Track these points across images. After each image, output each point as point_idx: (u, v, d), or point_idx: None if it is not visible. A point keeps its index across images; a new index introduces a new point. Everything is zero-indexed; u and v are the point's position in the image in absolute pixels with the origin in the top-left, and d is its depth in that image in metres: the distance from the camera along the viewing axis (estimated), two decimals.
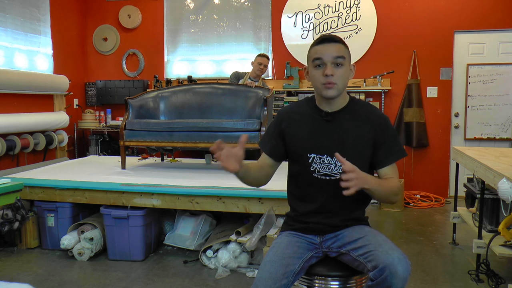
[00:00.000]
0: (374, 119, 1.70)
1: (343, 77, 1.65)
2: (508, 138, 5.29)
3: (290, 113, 1.79)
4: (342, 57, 1.64)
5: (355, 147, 1.67)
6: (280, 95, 5.46)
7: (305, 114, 1.75)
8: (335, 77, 1.62)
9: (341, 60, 1.64)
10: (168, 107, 4.35)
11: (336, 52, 1.63)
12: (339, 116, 1.70)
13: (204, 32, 5.98)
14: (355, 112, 1.71)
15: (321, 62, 1.63)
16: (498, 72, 5.27)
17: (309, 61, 1.69)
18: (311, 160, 1.69)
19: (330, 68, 1.62)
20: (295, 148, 1.74)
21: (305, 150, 1.71)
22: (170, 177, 3.67)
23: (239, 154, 1.56)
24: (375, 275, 1.46)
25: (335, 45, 1.64)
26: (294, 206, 1.81)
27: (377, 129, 1.69)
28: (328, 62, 1.62)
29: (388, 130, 1.71)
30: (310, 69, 1.69)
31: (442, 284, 2.90)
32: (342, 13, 5.55)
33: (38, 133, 5.06)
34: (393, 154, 1.70)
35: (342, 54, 1.64)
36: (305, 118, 1.74)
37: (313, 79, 1.67)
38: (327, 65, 1.62)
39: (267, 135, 1.84)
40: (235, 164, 1.55)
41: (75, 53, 6.16)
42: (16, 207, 3.27)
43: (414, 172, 5.51)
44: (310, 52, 1.69)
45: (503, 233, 2.66)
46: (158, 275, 3.05)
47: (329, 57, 1.62)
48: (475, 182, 3.29)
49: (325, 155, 1.68)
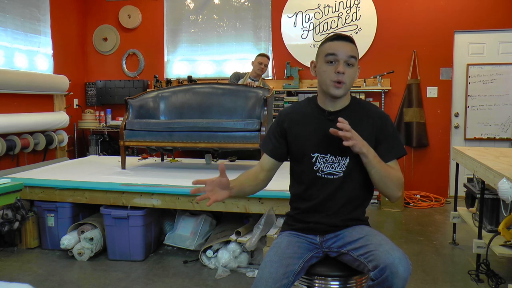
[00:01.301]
0: (375, 117, 1.71)
1: (352, 77, 1.66)
2: (508, 138, 5.29)
3: (291, 113, 1.79)
4: (354, 58, 1.65)
5: None
6: (280, 95, 5.46)
7: (307, 113, 1.76)
8: (345, 76, 1.63)
9: (353, 61, 1.64)
10: (168, 107, 4.35)
11: (350, 51, 1.64)
12: (341, 115, 1.70)
13: (204, 32, 5.98)
14: (357, 111, 1.72)
15: (335, 58, 1.63)
16: (498, 72, 5.27)
17: (321, 56, 1.68)
18: (315, 160, 1.70)
19: (342, 66, 1.62)
20: (298, 148, 1.74)
21: (309, 150, 1.71)
22: (170, 177, 3.67)
23: (223, 182, 1.64)
24: (376, 275, 1.46)
25: (349, 45, 1.65)
26: (295, 205, 1.81)
27: (378, 126, 1.69)
28: (342, 60, 1.62)
29: (388, 127, 1.71)
30: (321, 64, 1.68)
31: (442, 284, 2.90)
32: (342, 13, 5.55)
33: (38, 133, 5.06)
34: (393, 151, 1.69)
35: (355, 55, 1.65)
36: (308, 118, 1.75)
37: (323, 74, 1.66)
38: (340, 63, 1.62)
39: (268, 136, 1.85)
40: (223, 192, 1.65)
41: (75, 53, 6.16)
42: (16, 207, 3.26)
43: (414, 172, 5.51)
44: (323, 47, 1.68)
45: (503, 233, 2.66)
46: (158, 275, 3.05)
47: (343, 55, 1.62)
48: (475, 182, 3.29)
49: (329, 154, 1.68)
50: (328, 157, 1.68)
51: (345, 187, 1.69)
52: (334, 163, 1.68)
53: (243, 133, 3.70)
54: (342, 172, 1.67)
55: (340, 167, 1.67)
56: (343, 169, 1.67)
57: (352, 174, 1.68)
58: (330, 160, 1.68)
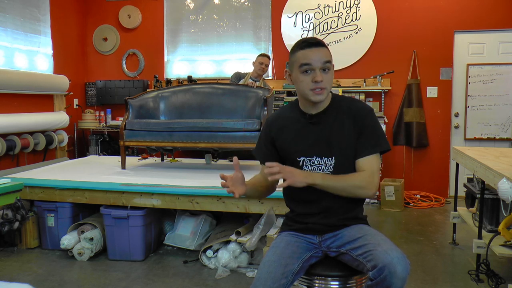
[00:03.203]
0: (355, 111, 1.69)
1: (330, 81, 1.65)
2: (508, 138, 5.29)
3: (277, 120, 1.80)
4: (329, 62, 1.64)
5: (341, 145, 1.67)
6: (280, 95, 5.46)
7: (291, 119, 1.77)
8: (324, 82, 1.62)
9: (329, 65, 1.64)
10: (168, 107, 4.35)
11: (324, 57, 1.62)
12: (323, 116, 1.70)
13: (204, 32, 5.98)
14: (338, 110, 1.71)
15: (310, 68, 1.62)
16: (498, 72, 5.27)
17: (295, 65, 1.65)
18: (302, 163, 1.71)
19: (320, 74, 1.61)
20: (285, 153, 1.76)
21: (294, 154, 1.72)
22: (170, 177, 3.67)
23: (239, 176, 1.65)
24: (375, 275, 1.46)
25: (322, 50, 1.63)
26: (291, 207, 1.82)
27: (357, 120, 1.67)
28: (317, 68, 1.61)
29: (367, 120, 1.67)
30: (296, 74, 1.66)
31: (442, 284, 2.90)
32: (342, 13, 5.55)
33: (38, 133, 5.06)
34: (369, 146, 1.66)
35: (329, 59, 1.64)
36: (291, 123, 1.75)
37: (300, 84, 1.65)
38: (316, 71, 1.61)
39: (259, 145, 1.86)
40: (242, 187, 1.64)
41: (75, 53, 6.16)
42: (16, 207, 3.26)
43: (414, 172, 5.51)
44: (295, 56, 1.65)
45: (503, 233, 2.66)
46: (158, 275, 3.05)
47: (318, 63, 1.61)
48: (475, 182, 3.29)
49: (314, 156, 1.69)
50: (314, 159, 1.69)
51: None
52: (321, 164, 1.69)
53: (243, 133, 3.70)
54: (330, 172, 1.68)
55: (327, 168, 1.68)
56: (330, 169, 1.68)
57: (341, 173, 1.67)
58: (317, 162, 1.69)
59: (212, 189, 3.21)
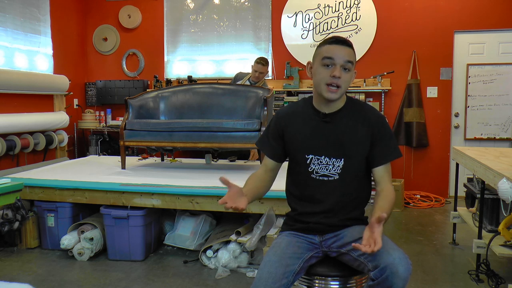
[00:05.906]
0: (371, 118, 1.70)
1: (347, 82, 1.65)
2: (508, 138, 5.29)
3: (288, 114, 1.79)
4: (351, 63, 1.64)
5: (353, 148, 1.68)
6: (280, 95, 5.46)
7: (303, 115, 1.76)
8: (341, 81, 1.62)
9: (350, 66, 1.64)
10: (168, 107, 4.35)
11: (347, 56, 1.63)
12: (337, 117, 1.70)
13: (204, 32, 5.97)
14: (353, 113, 1.71)
15: (331, 62, 1.62)
16: (498, 72, 5.27)
17: (317, 58, 1.67)
18: (309, 161, 1.70)
19: (339, 70, 1.61)
20: (293, 149, 1.75)
21: (303, 151, 1.71)
22: (170, 177, 3.67)
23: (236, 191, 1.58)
24: (376, 275, 1.46)
25: (347, 49, 1.64)
26: (293, 206, 1.82)
27: (374, 128, 1.69)
28: (339, 64, 1.62)
29: (384, 129, 1.71)
30: (317, 66, 1.67)
31: (442, 284, 2.90)
32: (342, 13, 5.55)
33: (38, 133, 5.06)
34: (388, 153, 1.70)
35: (352, 60, 1.64)
36: (304, 119, 1.75)
37: (318, 77, 1.66)
38: (336, 67, 1.62)
39: (266, 137, 1.84)
40: (242, 199, 1.58)
41: (75, 53, 6.16)
42: (16, 207, 3.26)
43: (414, 172, 5.51)
44: (321, 49, 1.67)
45: (503, 233, 2.66)
46: (158, 275, 3.05)
47: (340, 60, 1.62)
48: (475, 182, 3.29)
49: (323, 156, 1.69)
50: (323, 159, 1.69)
51: (341, 188, 1.69)
52: (328, 165, 1.68)
53: (243, 133, 3.70)
54: (337, 174, 1.68)
55: (335, 169, 1.68)
56: (338, 171, 1.68)
57: (348, 176, 1.68)
58: (325, 162, 1.69)
59: (212, 189, 3.21)
